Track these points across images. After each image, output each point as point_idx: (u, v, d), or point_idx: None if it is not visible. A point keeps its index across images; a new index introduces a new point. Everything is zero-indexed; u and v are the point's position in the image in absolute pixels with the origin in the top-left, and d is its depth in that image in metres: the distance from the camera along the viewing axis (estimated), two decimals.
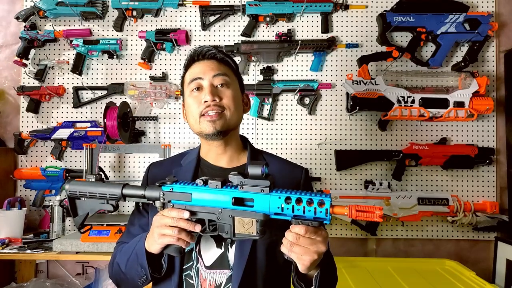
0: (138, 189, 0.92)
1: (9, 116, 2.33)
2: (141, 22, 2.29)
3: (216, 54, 1.07)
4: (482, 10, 2.22)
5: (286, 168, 1.12)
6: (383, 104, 2.05)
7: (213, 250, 0.99)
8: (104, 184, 0.95)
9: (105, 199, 0.95)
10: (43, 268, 2.26)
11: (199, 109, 1.02)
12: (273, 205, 0.80)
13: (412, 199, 2.08)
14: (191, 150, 1.17)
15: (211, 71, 1.04)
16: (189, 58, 1.09)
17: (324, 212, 0.77)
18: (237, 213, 0.84)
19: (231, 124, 1.05)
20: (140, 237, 1.00)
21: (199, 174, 1.08)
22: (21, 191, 2.28)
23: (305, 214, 0.78)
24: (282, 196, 0.79)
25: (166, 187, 0.90)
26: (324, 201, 0.77)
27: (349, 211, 0.76)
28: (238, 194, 0.83)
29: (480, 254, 2.19)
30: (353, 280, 1.73)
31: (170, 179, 0.90)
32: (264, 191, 0.81)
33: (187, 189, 0.88)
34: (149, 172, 1.15)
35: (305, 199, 0.78)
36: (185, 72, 1.10)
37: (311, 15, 2.26)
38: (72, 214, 1.00)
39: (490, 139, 2.19)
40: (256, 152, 1.13)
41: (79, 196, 0.97)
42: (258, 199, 0.81)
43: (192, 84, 1.05)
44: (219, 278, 0.98)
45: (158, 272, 0.98)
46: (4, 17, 2.36)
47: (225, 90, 1.05)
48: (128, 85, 2.23)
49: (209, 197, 0.86)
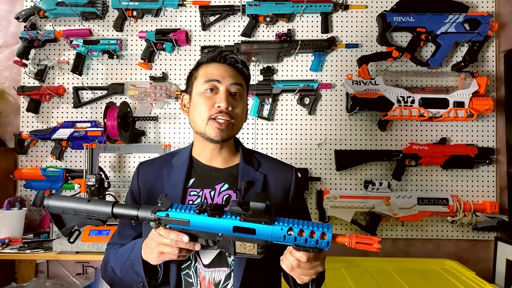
0: (130, 209, 0.89)
1: (9, 116, 2.33)
2: (141, 22, 2.29)
3: (237, 62, 1.08)
4: (482, 10, 2.22)
5: (278, 168, 1.13)
6: (383, 104, 2.05)
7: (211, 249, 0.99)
8: (90, 202, 0.90)
9: (93, 217, 0.90)
10: (43, 268, 2.26)
11: (210, 111, 1.02)
12: (276, 235, 0.81)
13: (412, 199, 2.08)
14: (182, 150, 1.16)
15: (230, 78, 1.05)
16: (209, 56, 1.08)
17: (325, 243, 0.79)
18: (239, 239, 0.84)
19: (234, 133, 1.08)
20: (134, 243, 1.00)
21: (192, 175, 1.08)
22: (21, 191, 2.28)
23: (307, 244, 0.80)
24: (284, 228, 0.80)
25: (161, 213, 0.86)
26: (326, 234, 0.79)
27: (349, 241, 0.80)
28: (239, 224, 0.83)
29: (480, 254, 2.19)
30: (353, 280, 1.73)
31: (164, 204, 0.86)
32: (266, 223, 0.81)
33: (184, 216, 0.85)
34: (139, 172, 1.13)
35: (307, 231, 0.79)
36: (197, 67, 1.09)
37: (311, 15, 2.26)
38: (58, 227, 0.94)
39: (490, 139, 2.19)
40: (248, 153, 1.14)
41: (62, 213, 0.92)
42: (260, 229, 0.82)
43: (207, 84, 1.04)
44: (217, 276, 0.99)
45: (154, 279, 0.98)
46: (4, 17, 2.36)
47: (239, 101, 1.06)
48: (128, 85, 2.23)
49: (208, 225, 0.84)
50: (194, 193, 1.04)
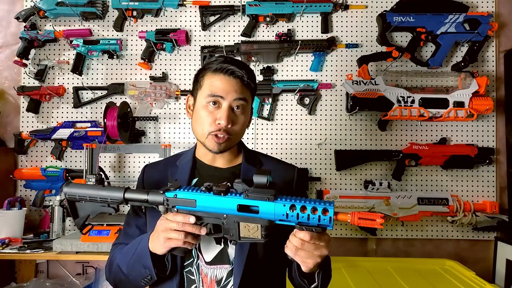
0: (141, 194, 0.92)
1: (9, 116, 2.33)
2: (141, 22, 2.29)
3: (243, 76, 1.05)
4: (482, 10, 2.22)
5: (280, 168, 1.15)
6: (383, 104, 2.05)
7: (213, 246, 1.00)
8: (104, 188, 0.94)
9: (106, 203, 0.95)
10: (43, 268, 2.26)
11: (210, 127, 1.02)
12: (278, 212, 0.82)
13: (412, 199, 2.08)
14: (186, 151, 1.18)
15: (234, 93, 1.03)
16: (216, 66, 1.04)
17: (327, 219, 0.79)
18: (243, 219, 0.86)
19: (233, 144, 1.08)
20: (141, 238, 1.01)
21: (195, 175, 1.09)
22: (21, 191, 2.28)
23: (309, 221, 0.80)
24: (287, 204, 0.81)
25: (169, 193, 0.89)
26: (327, 209, 0.79)
27: (352, 218, 0.79)
28: (243, 202, 0.84)
29: (480, 254, 2.19)
30: (353, 280, 1.73)
31: (173, 185, 0.90)
32: (269, 199, 0.82)
33: (191, 195, 0.88)
34: (145, 173, 1.16)
35: (309, 207, 0.80)
36: (204, 72, 1.07)
37: (311, 15, 2.26)
38: (73, 216, 1.00)
39: (490, 139, 2.19)
40: (250, 153, 1.15)
41: (78, 199, 0.97)
42: (263, 207, 0.83)
43: (211, 98, 1.03)
44: (219, 273, 0.99)
45: (162, 271, 0.98)
46: (4, 17, 2.36)
47: (240, 116, 1.05)
48: (128, 85, 2.23)
49: (214, 204, 0.86)
50: None
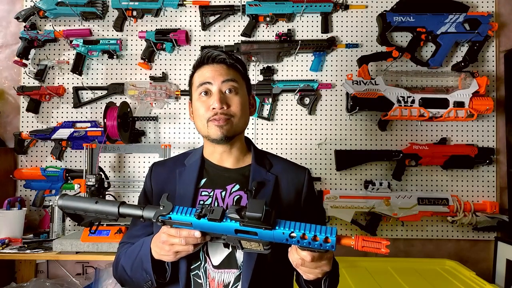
0: (135, 209, 0.91)
1: (9, 116, 2.33)
2: (141, 22, 2.29)
3: (226, 59, 1.06)
4: (482, 10, 2.22)
5: (290, 169, 1.12)
6: (383, 104, 2.05)
7: (221, 250, 0.98)
8: (99, 203, 0.92)
9: (102, 217, 0.94)
10: (43, 268, 2.26)
11: (206, 114, 1.03)
12: (278, 238, 0.80)
13: (412, 199, 2.08)
14: (194, 150, 1.17)
15: (220, 77, 1.04)
16: (199, 60, 1.08)
17: (329, 246, 0.77)
18: (242, 239, 0.84)
19: (237, 129, 1.06)
20: (142, 241, 1.00)
21: (203, 175, 1.08)
22: (21, 191, 2.28)
23: (311, 245, 0.78)
24: (286, 232, 0.79)
25: (163, 217, 0.87)
26: (329, 239, 0.77)
27: (356, 242, 0.77)
28: (239, 228, 0.82)
29: (480, 254, 2.19)
30: (353, 280, 1.73)
31: (165, 209, 0.87)
32: (266, 229, 0.80)
33: (186, 219, 0.86)
34: (153, 171, 1.15)
35: (310, 236, 0.77)
36: (193, 72, 1.10)
37: (311, 15, 2.26)
38: (77, 222, 0.99)
39: (490, 139, 2.19)
40: (260, 154, 1.14)
41: (74, 213, 0.95)
42: (261, 233, 0.81)
43: (200, 88, 1.05)
44: (227, 277, 0.98)
45: (162, 277, 0.98)
46: (4, 17, 2.36)
47: (233, 97, 1.05)
48: (128, 85, 2.23)
49: (210, 227, 0.85)
50: (205, 193, 1.05)
